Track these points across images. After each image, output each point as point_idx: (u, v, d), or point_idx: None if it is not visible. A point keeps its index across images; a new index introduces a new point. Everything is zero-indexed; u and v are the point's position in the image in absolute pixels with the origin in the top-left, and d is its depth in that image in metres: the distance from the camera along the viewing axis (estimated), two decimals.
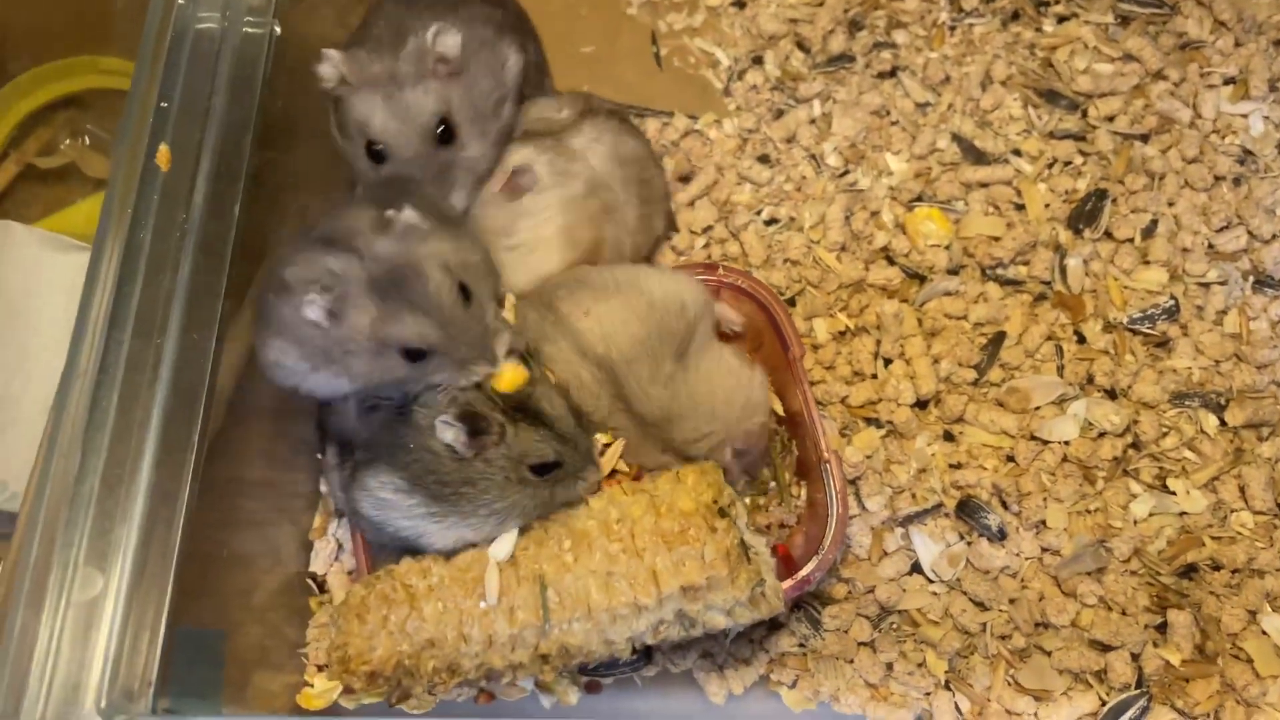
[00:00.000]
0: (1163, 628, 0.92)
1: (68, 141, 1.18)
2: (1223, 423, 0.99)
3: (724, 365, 0.90)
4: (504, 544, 0.80)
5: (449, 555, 0.81)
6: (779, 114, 1.16)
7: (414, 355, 0.75)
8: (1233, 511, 0.96)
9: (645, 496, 0.82)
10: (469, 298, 0.77)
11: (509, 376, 0.79)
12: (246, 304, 0.87)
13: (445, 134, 0.87)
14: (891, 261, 1.07)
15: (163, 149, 0.82)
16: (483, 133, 0.90)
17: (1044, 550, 0.95)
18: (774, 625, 0.95)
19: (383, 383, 0.78)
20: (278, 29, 0.93)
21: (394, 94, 0.85)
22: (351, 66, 0.85)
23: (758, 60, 1.19)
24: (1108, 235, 1.07)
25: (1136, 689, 0.89)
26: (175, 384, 0.78)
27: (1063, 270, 1.05)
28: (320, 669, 0.91)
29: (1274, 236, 1.05)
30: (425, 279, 0.74)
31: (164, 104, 0.84)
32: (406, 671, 0.79)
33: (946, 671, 0.92)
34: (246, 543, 0.91)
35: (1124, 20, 1.17)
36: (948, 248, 1.07)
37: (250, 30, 0.91)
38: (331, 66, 0.85)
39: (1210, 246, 1.06)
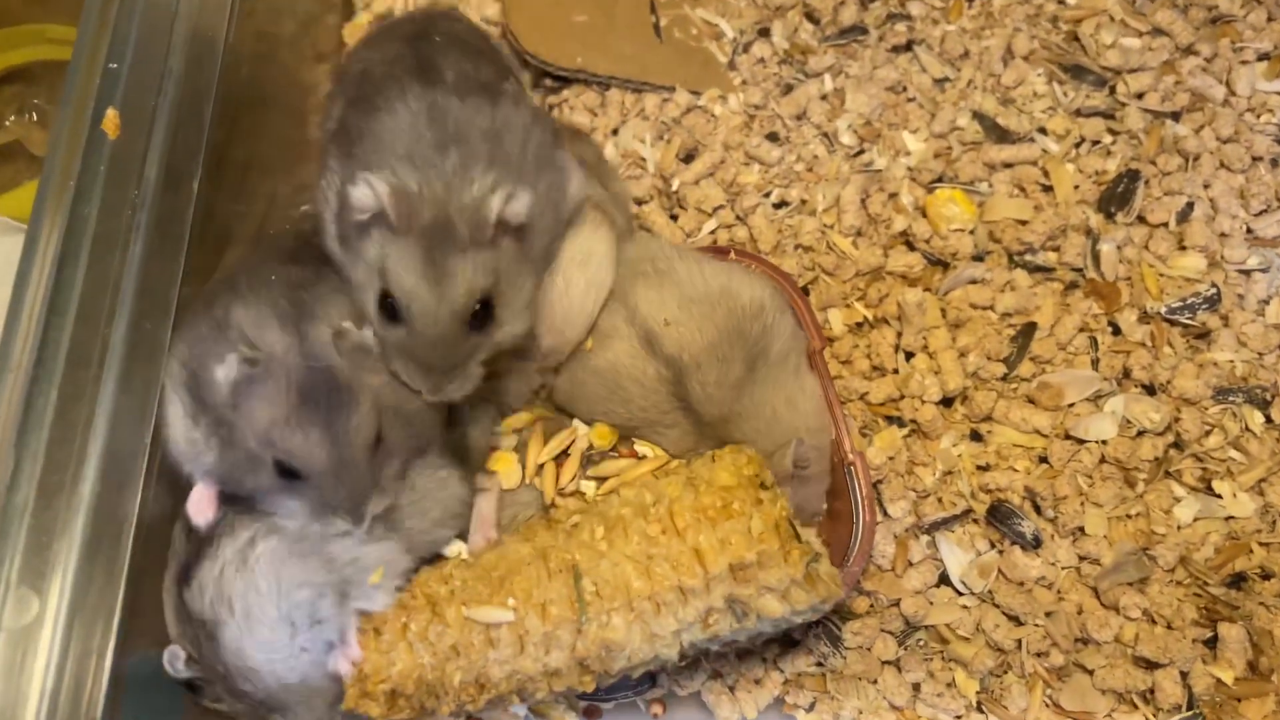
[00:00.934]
0: (1212, 642, 0.85)
1: (13, 118, 1.09)
2: (1269, 419, 0.92)
3: (800, 379, 0.86)
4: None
5: (471, 562, 0.75)
6: (788, 89, 1.08)
7: (288, 473, 0.66)
8: None
9: (680, 477, 0.76)
10: (378, 445, 0.68)
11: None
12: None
13: (483, 312, 0.70)
14: (912, 247, 1.00)
15: (110, 113, 0.73)
16: (525, 307, 0.74)
17: (1082, 559, 0.88)
18: (789, 642, 0.88)
19: (238, 481, 0.68)
20: None
21: (437, 258, 0.68)
22: (400, 205, 0.68)
23: (764, 32, 1.11)
24: (1141, 219, 1.00)
25: (1187, 710, 0.83)
26: (125, 379, 0.69)
27: (1095, 256, 0.98)
28: None
29: None
30: (350, 409, 0.65)
31: (112, 65, 0.75)
32: (430, 689, 0.72)
33: (979, 692, 0.85)
34: None
35: None
36: (972, 232, 0.99)
37: None
38: (372, 196, 0.68)
39: (1249, 231, 0.99)
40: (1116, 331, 0.96)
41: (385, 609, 0.73)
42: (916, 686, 0.86)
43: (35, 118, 1.09)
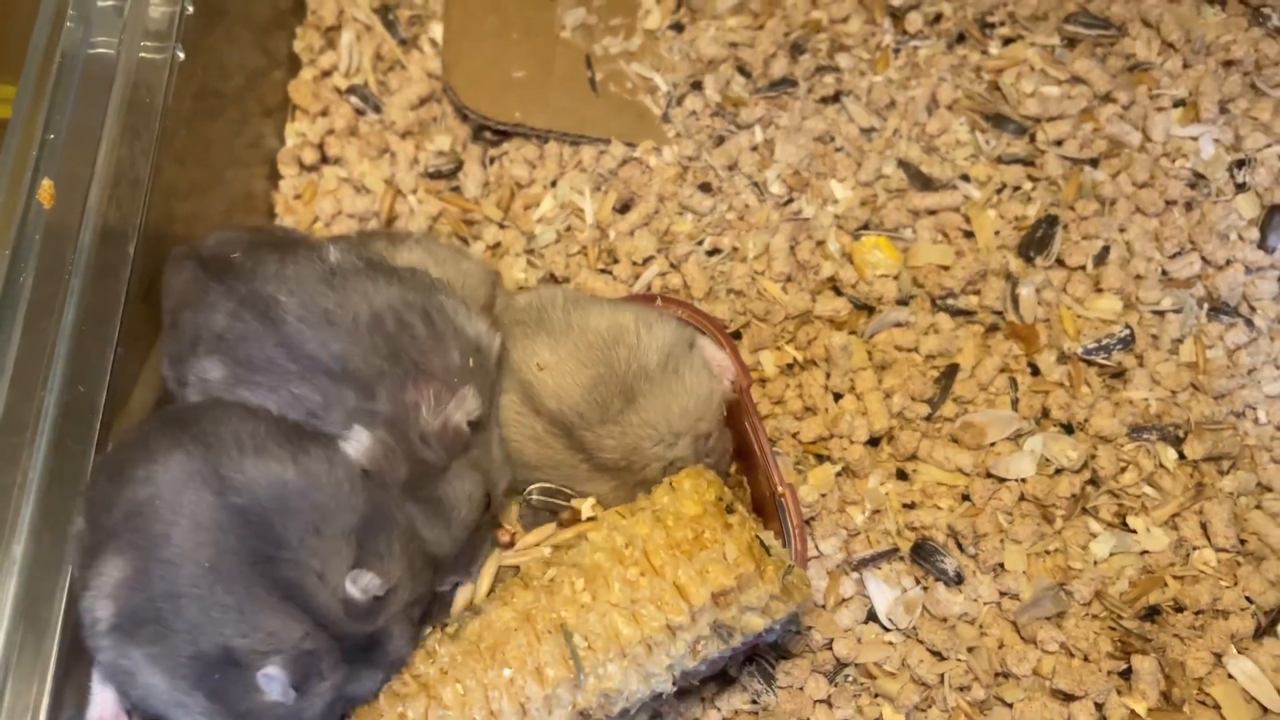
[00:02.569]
0: (1127, 674, 0.88)
1: None
2: (1181, 456, 0.96)
3: (682, 379, 0.86)
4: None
5: (453, 634, 0.75)
6: (720, 141, 1.11)
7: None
8: (1195, 549, 0.92)
9: (646, 513, 0.77)
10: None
11: None
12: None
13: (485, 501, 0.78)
14: (839, 292, 1.03)
15: (46, 183, 0.75)
16: (503, 460, 0.83)
17: (1002, 594, 0.91)
18: (726, 681, 0.90)
19: None
20: (180, 54, 0.87)
21: (435, 497, 0.73)
22: (384, 460, 0.71)
23: (697, 85, 1.15)
24: (1059, 263, 1.04)
25: None
26: (58, 442, 0.71)
27: (1015, 299, 1.01)
28: None
29: (1228, 262, 1.03)
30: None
31: (50, 135, 0.77)
32: None
33: None
34: None
35: (1070, 42, 1.15)
36: (896, 277, 1.03)
37: (148, 56, 0.84)
38: (358, 452, 0.71)
39: (1164, 273, 1.03)
40: (1035, 372, 0.99)
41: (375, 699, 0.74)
42: None
43: None
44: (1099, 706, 0.86)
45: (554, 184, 1.10)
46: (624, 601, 0.73)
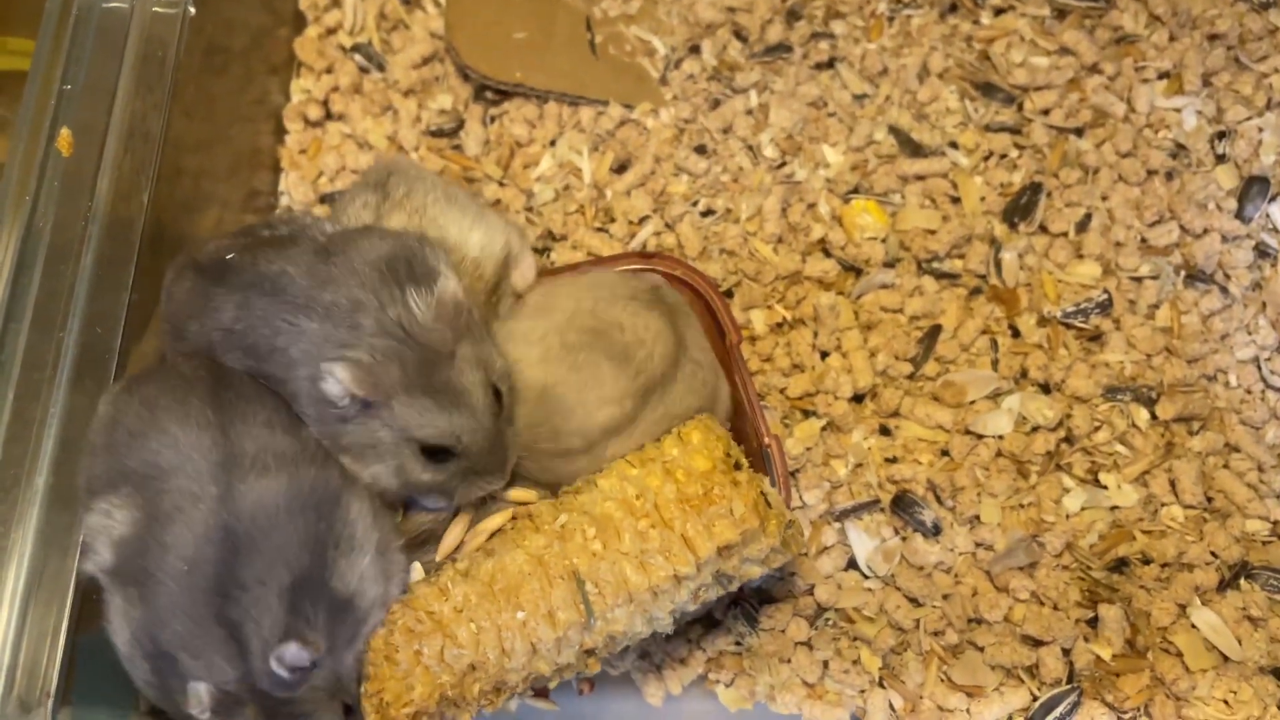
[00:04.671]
0: (1094, 622, 0.92)
1: None
2: (1154, 416, 0.99)
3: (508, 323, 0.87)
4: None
5: (465, 572, 0.78)
6: (716, 104, 1.14)
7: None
8: (1163, 505, 0.96)
9: (657, 465, 0.79)
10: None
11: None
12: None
13: (496, 392, 0.75)
14: (828, 254, 1.06)
15: (64, 132, 0.78)
16: (509, 373, 0.79)
17: (978, 545, 0.95)
18: (711, 624, 0.94)
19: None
20: (191, 10, 0.89)
21: (443, 383, 0.70)
22: (368, 384, 0.68)
23: (695, 49, 1.17)
24: (1042, 229, 1.07)
25: (1067, 684, 0.89)
26: (77, 380, 0.74)
27: (998, 264, 1.05)
28: None
29: (1205, 231, 1.06)
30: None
31: (67, 86, 0.80)
32: (452, 703, 0.75)
33: (881, 669, 0.91)
34: None
35: (1061, 14, 1.17)
36: (884, 240, 1.06)
37: (161, 10, 0.87)
38: (340, 386, 0.68)
39: (1143, 241, 1.07)
40: (1016, 334, 1.03)
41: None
42: (826, 664, 0.92)
43: None
44: (1066, 652, 0.91)
45: (553, 144, 1.13)
46: (634, 551, 0.76)
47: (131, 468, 0.67)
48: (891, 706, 0.90)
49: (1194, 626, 0.91)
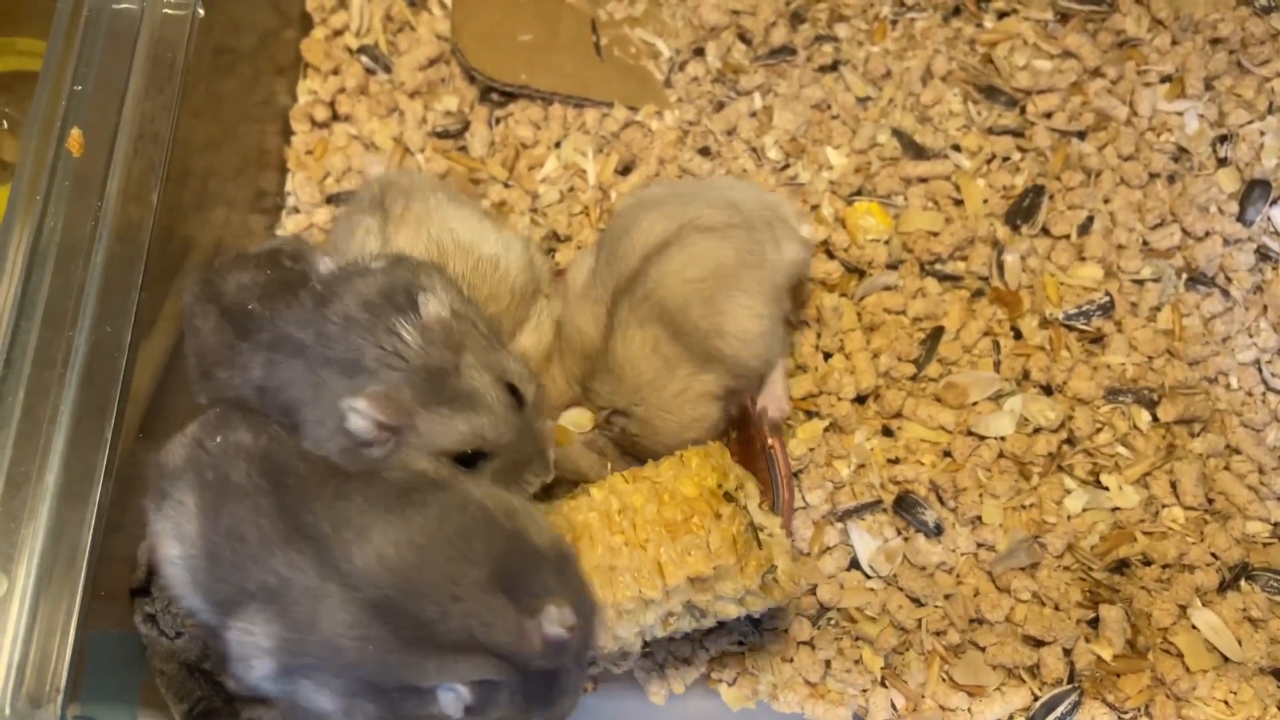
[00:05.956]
0: (1095, 623, 0.92)
1: None
2: (1155, 418, 1.00)
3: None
4: None
5: None
6: (720, 106, 1.15)
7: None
8: (1164, 507, 0.97)
9: (647, 484, 0.79)
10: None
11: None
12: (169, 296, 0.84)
13: (512, 389, 0.74)
14: (831, 255, 1.07)
15: (75, 133, 0.79)
16: (520, 365, 0.78)
17: (979, 546, 0.95)
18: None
19: None
20: (200, 11, 0.90)
21: (454, 392, 0.70)
22: (390, 409, 0.68)
23: (699, 52, 1.18)
24: (1044, 231, 1.08)
25: (1068, 684, 0.90)
26: (87, 379, 0.75)
27: (1000, 266, 1.05)
28: None
29: (1207, 234, 1.07)
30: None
31: (77, 87, 0.81)
32: None
33: (883, 668, 0.92)
34: None
35: (1063, 17, 1.18)
36: (887, 243, 1.06)
37: (171, 12, 0.88)
38: (364, 419, 0.67)
39: (1145, 244, 1.07)
40: (1018, 336, 1.03)
41: None
42: (828, 663, 0.93)
43: (6, 125, 1.14)
44: (1067, 652, 0.91)
45: (558, 145, 1.14)
46: (604, 565, 0.76)
47: (249, 589, 0.65)
48: (893, 706, 0.91)
49: (1194, 627, 0.92)
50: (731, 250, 0.84)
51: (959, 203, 1.09)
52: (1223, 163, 1.10)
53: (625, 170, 1.12)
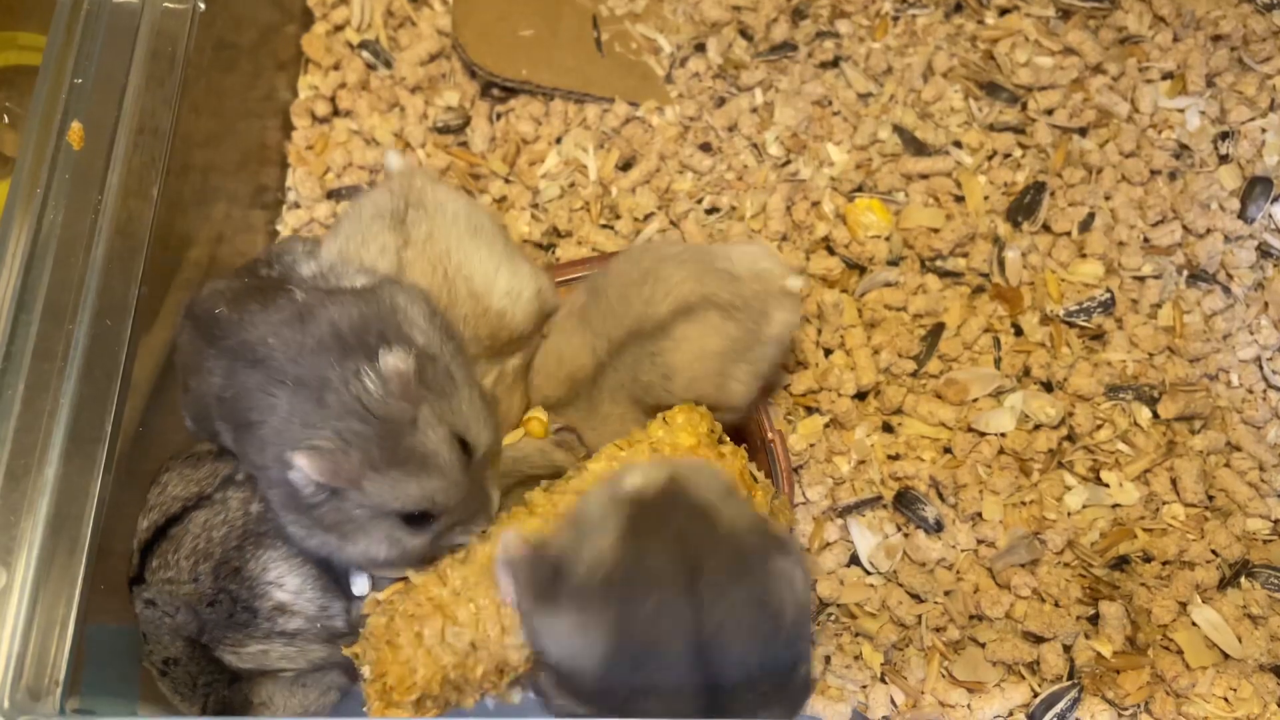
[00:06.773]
0: (1095, 619, 0.92)
1: None
2: (1155, 415, 1.00)
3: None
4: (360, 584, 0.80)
5: (463, 558, 0.77)
6: (721, 102, 1.14)
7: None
8: (1164, 504, 0.97)
9: (643, 445, 0.79)
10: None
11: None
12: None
13: (463, 445, 0.74)
14: (832, 252, 1.07)
15: (75, 126, 0.79)
16: (479, 414, 0.77)
17: (979, 542, 0.95)
18: None
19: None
20: (201, 5, 0.90)
21: (408, 452, 0.69)
22: (330, 467, 0.67)
23: (700, 47, 1.17)
24: (1045, 228, 1.08)
25: (1068, 680, 0.90)
26: (87, 372, 0.75)
27: (1001, 262, 1.05)
28: None
29: (1208, 231, 1.06)
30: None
31: (78, 80, 0.80)
32: (454, 686, 0.74)
33: (882, 664, 0.92)
34: None
35: (1065, 14, 1.18)
36: (888, 239, 1.06)
37: (171, 6, 0.88)
38: (304, 476, 0.68)
39: (1146, 240, 1.07)
40: (1018, 332, 1.03)
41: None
42: (827, 659, 0.93)
43: (6, 120, 1.14)
44: (1067, 648, 0.91)
45: (559, 141, 1.13)
46: None
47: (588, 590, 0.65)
48: (893, 702, 0.91)
49: (1194, 624, 0.92)
50: (736, 329, 0.84)
51: (960, 199, 1.09)
52: (1224, 160, 1.10)
53: (626, 166, 1.12)
